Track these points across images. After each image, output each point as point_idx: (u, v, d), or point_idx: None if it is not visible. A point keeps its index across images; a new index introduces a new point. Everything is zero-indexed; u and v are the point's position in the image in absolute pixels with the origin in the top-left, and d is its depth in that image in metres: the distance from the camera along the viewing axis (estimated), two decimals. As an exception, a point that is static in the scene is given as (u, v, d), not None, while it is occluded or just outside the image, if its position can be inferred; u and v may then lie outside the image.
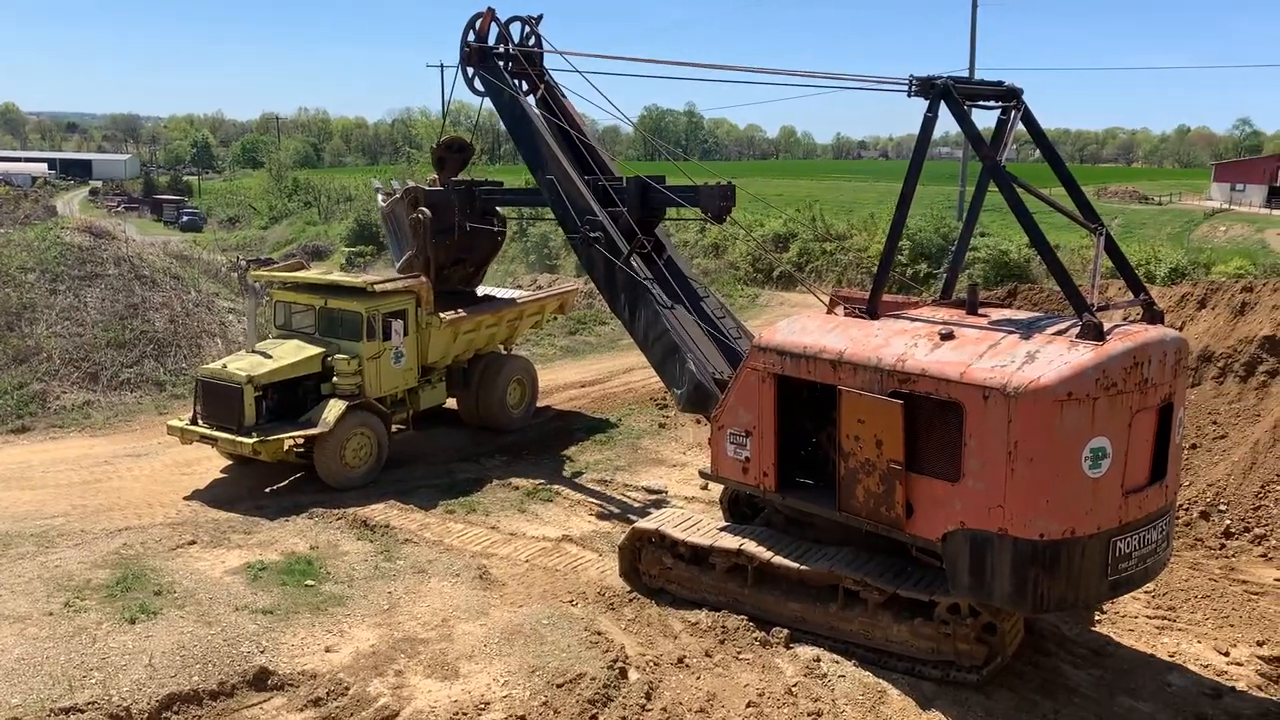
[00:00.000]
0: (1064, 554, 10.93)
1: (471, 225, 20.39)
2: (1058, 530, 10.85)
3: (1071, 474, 10.75)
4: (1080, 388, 10.57)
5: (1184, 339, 12.09)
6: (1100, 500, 10.95)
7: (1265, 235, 54.17)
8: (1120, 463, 10.97)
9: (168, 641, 12.45)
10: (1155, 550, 11.70)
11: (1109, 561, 11.17)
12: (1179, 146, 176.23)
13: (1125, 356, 10.83)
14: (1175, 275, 38.35)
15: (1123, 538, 11.19)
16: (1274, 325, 19.70)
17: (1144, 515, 11.38)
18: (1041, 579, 10.97)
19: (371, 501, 17.79)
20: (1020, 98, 12.80)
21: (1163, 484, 11.59)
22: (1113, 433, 10.83)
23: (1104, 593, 11.58)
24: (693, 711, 11.43)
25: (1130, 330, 11.43)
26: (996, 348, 11.25)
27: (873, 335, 12.27)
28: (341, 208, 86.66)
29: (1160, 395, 11.25)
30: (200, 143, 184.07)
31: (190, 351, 27.26)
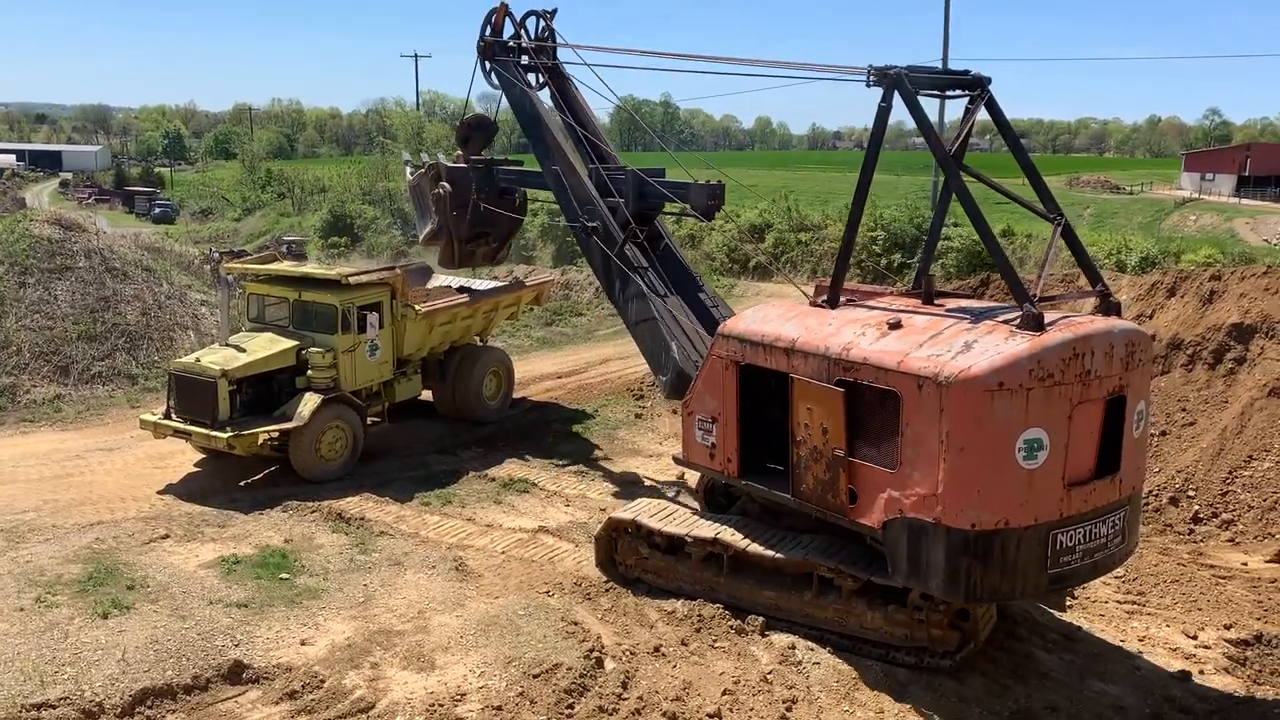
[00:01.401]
0: (998, 545, 10.87)
1: (485, 203, 20.63)
2: (991, 521, 10.79)
3: (1004, 464, 10.66)
4: (1013, 378, 10.49)
5: (1140, 331, 11.86)
6: (1037, 492, 10.82)
7: (1234, 224, 54.74)
8: (1059, 455, 10.82)
9: (141, 636, 12.38)
10: (1106, 545, 11.50)
11: (1049, 554, 11.05)
12: (1150, 136, 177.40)
13: (1063, 348, 10.70)
14: (1146, 264, 38.67)
15: (1064, 531, 11.05)
16: (1241, 313, 19.95)
17: (1090, 509, 11.20)
18: (974, 569, 10.95)
19: (347, 494, 17.74)
20: (986, 87, 12.76)
21: (1115, 478, 11.37)
22: (1049, 424, 10.68)
23: (1044, 586, 11.39)
24: (669, 700, 11.49)
25: (1074, 322, 11.30)
26: (938, 337, 11.24)
27: (826, 324, 12.35)
28: (315, 199, 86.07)
29: (1107, 388, 11.08)
30: (172, 134, 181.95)
31: (163, 344, 27.06)
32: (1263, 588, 14.79)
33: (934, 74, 13.16)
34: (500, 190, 21.15)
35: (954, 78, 13.08)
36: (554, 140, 18.39)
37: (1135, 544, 12.43)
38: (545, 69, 19.65)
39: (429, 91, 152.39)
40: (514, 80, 19.22)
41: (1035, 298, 11.28)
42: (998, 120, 13.01)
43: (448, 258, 21.82)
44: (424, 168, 22.01)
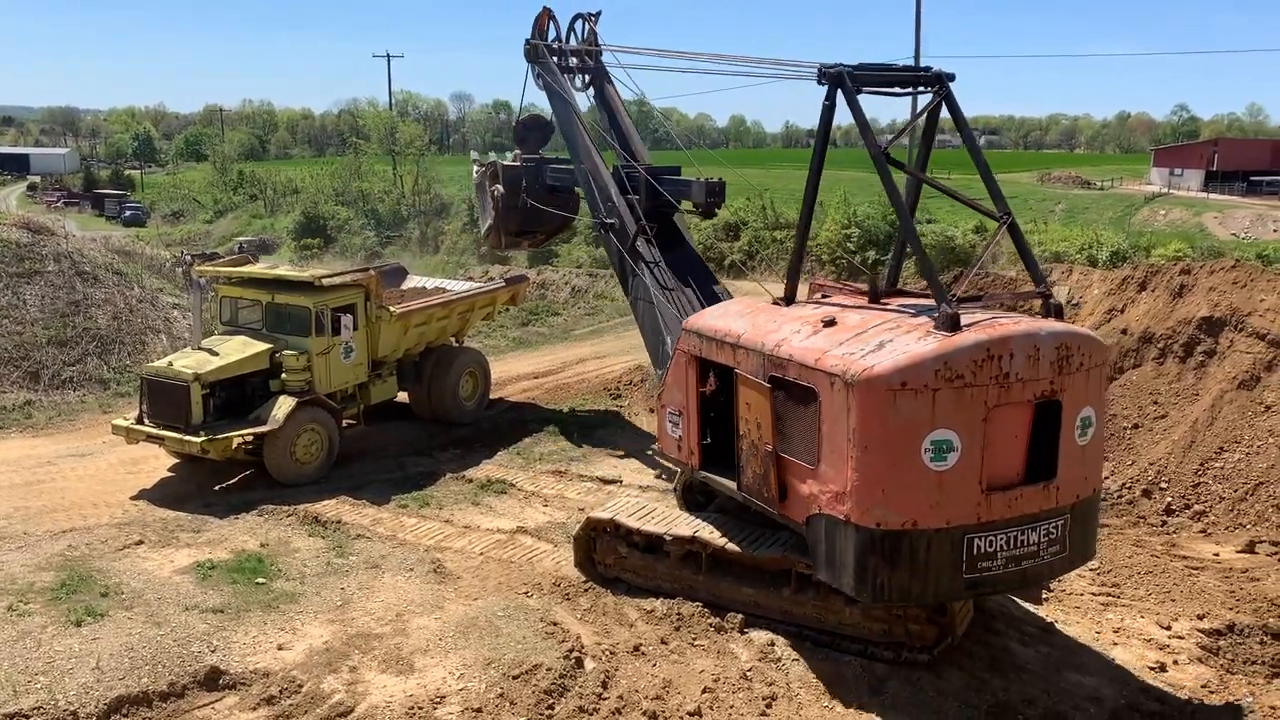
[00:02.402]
0: (905, 545, 10.75)
1: (533, 201, 20.86)
2: (897, 521, 10.72)
3: (910, 465, 10.55)
4: (916, 378, 10.39)
5: (1080, 335, 11.44)
6: (949, 494, 10.67)
7: (1203, 219, 55.35)
8: (974, 458, 10.60)
9: (115, 643, 12.25)
10: (1038, 553, 11.15)
11: (964, 559, 10.83)
12: (1119, 132, 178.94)
13: (975, 349, 10.48)
14: (1117, 259, 39.07)
15: (983, 536, 10.81)
16: (1211, 306, 20.17)
17: (1016, 515, 10.92)
18: (881, 568, 10.88)
19: (323, 498, 17.63)
20: (945, 83, 12.66)
21: (1050, 485, 11.08)
22: (960, 426, 10.50)
23: (960, 590, 11.16)
24: (649, 699, 11.50)
25: (995, 323, 11.00)
26: (860, 336, 11.22)
27: (771, 321, 12.44)
28: (288, 200, 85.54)
29: (1034, 391, 10.79)
30: (142, 136, 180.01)
31: (134, 349, 26.79)
32: (1234, 578, 14.96)
33: (887, 71, 13.04)
34: (549, 188, 21.40)
35: (910, 75, 13.01)
36: (583, 141, 18.99)
37: (1086, 554, 12.01)
38: (587, 70, 20.30)
39: (402, 91, 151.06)
40: (550, 82, 19.84)
41: (954, 298, 11.18)
42: (956, 118, 12.93)
43: (493, 245, 22.54)
44: (486, 166, 22.32)
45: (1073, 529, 11.38)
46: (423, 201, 74.46)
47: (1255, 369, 18.90)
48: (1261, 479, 17.17)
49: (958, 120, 13.02)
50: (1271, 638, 13.18)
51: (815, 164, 13.01)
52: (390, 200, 75.47)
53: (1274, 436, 17.66)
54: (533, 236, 22.95)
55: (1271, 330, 19.15)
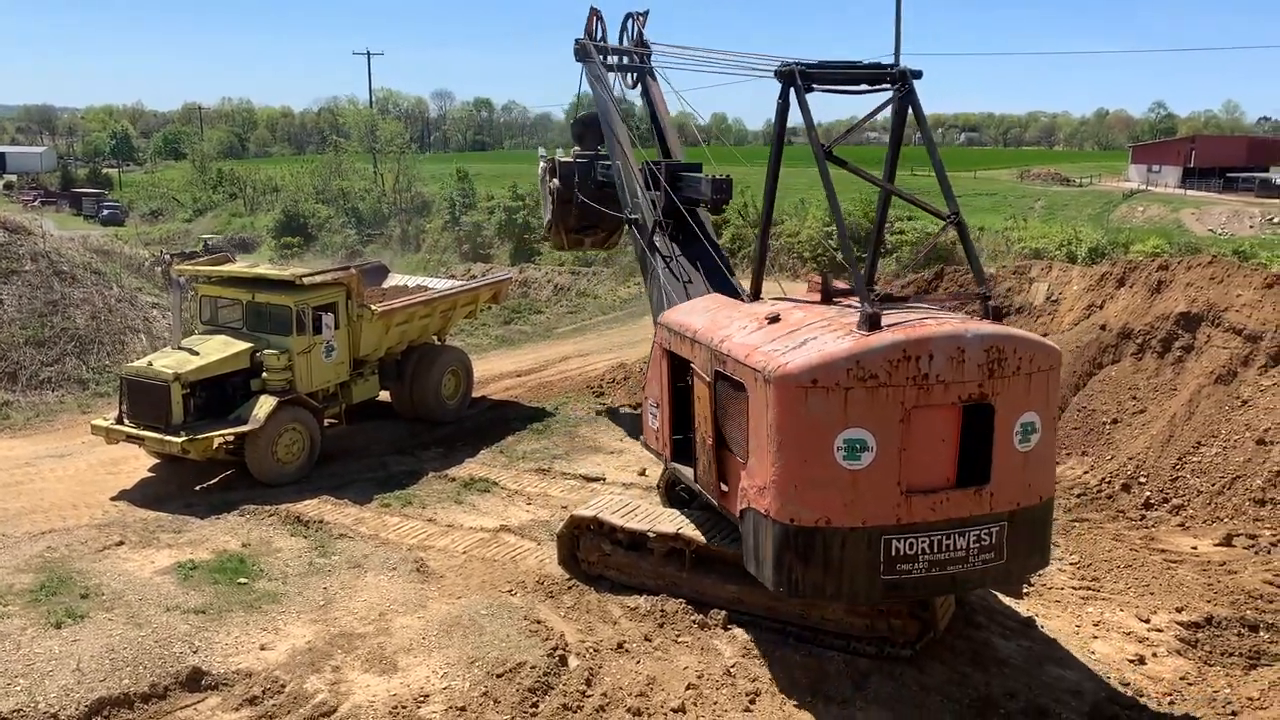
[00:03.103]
0: (818, 542, 10.74)
1: (584, 197, 20.92)
2: (810, 517, 10.71)
3: (822, 462, 10.52)
4: (828, 376, 10.37)
5: (1019, 338, 11.15)
6: (863, 494, 10.62)
7: (1180, 215, 55.80)
8: (891, 459, 10.52)
9: (96, 645, 12.18)
10: (967, 559, 10.95)
11: (881, 560, 10.74)
12: (1098, 129, 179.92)
13: (891, 349, 10.40)
14: (1096, 255, 39.38)
15: (903, 538, 10.70)
16: (1188, 302, 20.35)
17: (941, 519, 10.77)
18: (795, 564, 10.90)
19: (305, 497, 17.57)
20: (909, 81, 12.55)
21: (982, 490, 10.87)
22: (875, 426, 10.44)
23: (878, 592, 11.01)
24: (633, 695, 11.52)
25: (918, 323, 10.88)
26: (793, 333, 11.25)
27: (726, 317, 12.58)
28: (268, 199, 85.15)
29: (958, 394, 10.63)
30: (120, 134, 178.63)
31: (113, 349, 26.61)
32: (1212, 571, 15.11)
33: (847, 69, 12.95)
34: (599, 184, 21.45)
35: (871, 72, 12.88)
36: (617, 138, 19.20)
37: (1033, 564, 11.82)
38: (631, 69, 20.49)
39: (382, 89, 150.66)
40: (592, 81, 20.23)
41: (876, 297, 11.17)
42: (917, 115, 12.85)
43: (557, 244, 22.48)
44: (547, 162, 22.65)
45: (1012, 537, 11.10)
46: (404, 200, 74.27)
47: (1232, 364, 19.10)
48: (1238, 473, 17.34)
49: (918, 118, 12.89)
50: (1248, 629, 13.33)
51: (773, 162, 13.08)
52: (371, 198, 75.23)
53: (1250, 430, 17.84)
54: (594, 234, 22.93)
55: (1247, 325, 19.35)
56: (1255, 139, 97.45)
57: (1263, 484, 16.98)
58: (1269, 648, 12.94)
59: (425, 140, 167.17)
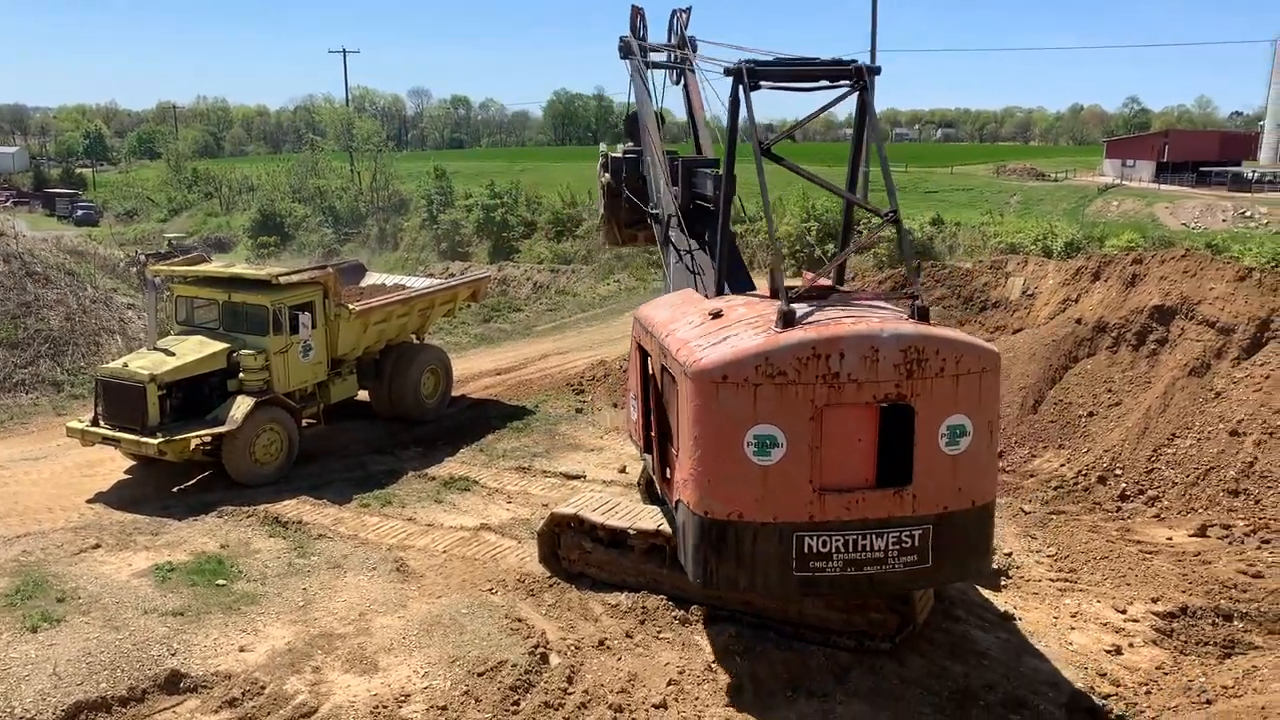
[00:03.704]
0: (731, 536, 10.85)
1: (629, 191, 20.76)
2: (722, 511, 10.83)
3: (732, 457, 10.64)
4: (737, 372, 10.47)
5: (946, 339, 10.94)
6: (774, 490, 10.67)
7: (1154, 209, 56.25)
8: (802, 456, 10.56)
9: (73, 649, 12.09)
10: (886, 560, 10.93)
11: (793, 556, 10.79)
12: (1073, 124, 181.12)
13: (800, 347, 10.43)
14: (1071, 249, 39.67)
15: (815, 535, 10.74)
16: (1162, 295, 20.54)
17: (857, 518, 10.77)
18: (709, 556, 11.01)
19: (283, 498, 17.49)
20: (864, 77, 12.39)
21: (904, 492, 10.82)
22: (785, 423, 10.49)
23: (791, 588, 11.05)
24: (614, 692, 11.53)
25: (833, 322, 10.88)
26: (724, 329, 11.37)
27: (683, 312, 12.74)
28: (244, 198, 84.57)
29: (872, 393, 10.59)
30: (93, 134, 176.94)
31: (88, 350, 26.38)
32: (1187, 561, 15.25)
33: (800, 65, 12.89)
34: (642, 178, 21.01)
35: (825, 69, 12.75)
36: (647, 133, 19.08)
37: (966, 570, 11.70)
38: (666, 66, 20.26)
39: (359, 87, 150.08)
40: (634, 76, 20.11)
41: (791, 295, 11.21)
42: (868, 112, 12.77)
43: (609, 239, 22.21)
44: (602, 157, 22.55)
45: (938, 541, 11.00)
46: (381, 198, 73.93)
47: (1205, 356, 19.29)
48: (1212, 464, 17.52)
49: (868, 115, 12.82)
50: (1223, 619, 13.47)
51: (727, 158, 13.13)
52: (348, 197, 74.85)
53: (1224, 422, 18.03)
54: (647, 229, 22.79)
55: (1220, 318, 19.55)
56: (1227, 133, 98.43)
57: (1236, 475, 17.16)
58: (1243, 637, 13.09)
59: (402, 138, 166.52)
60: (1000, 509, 17.17)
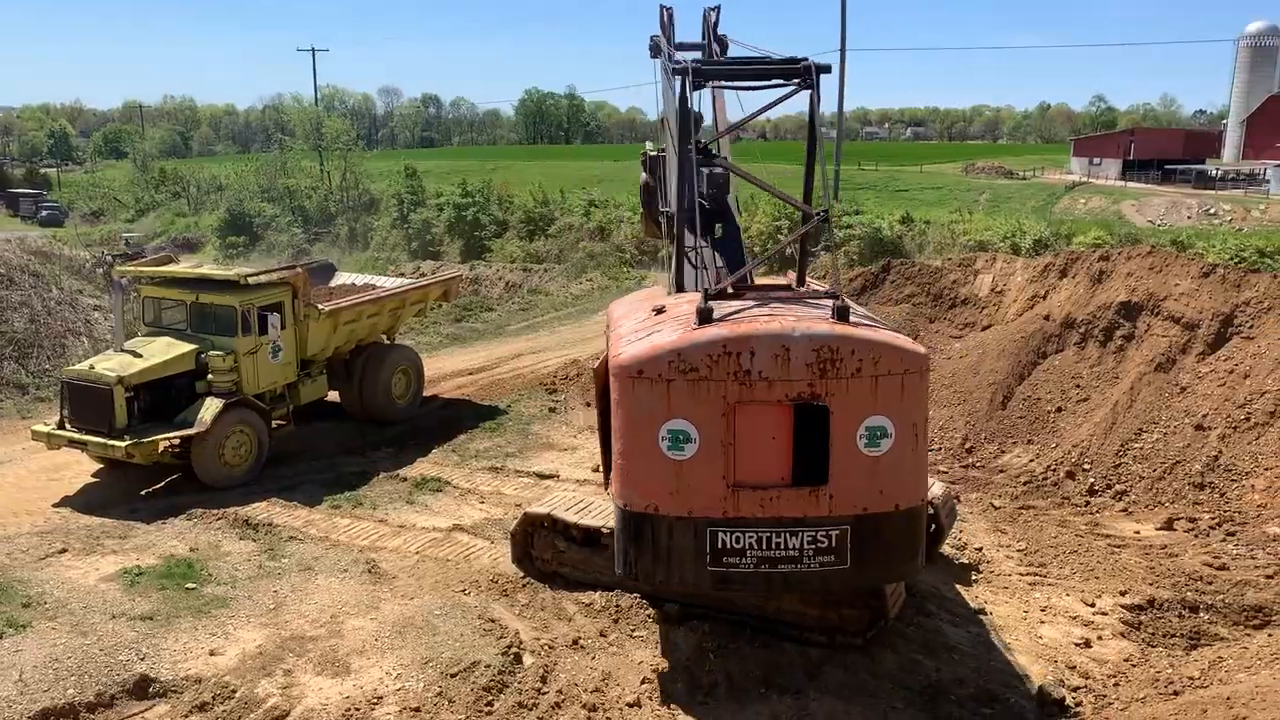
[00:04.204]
0: (648, 529, 10.97)
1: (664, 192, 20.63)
2: (640, 503, 10.97)
3: (648, 451, 10.76)
4: (652, 368, 10.61)
5: (863, 339, 10.73)
6: (688, 484, 10.77)
7: (1121, 206, 56.86)
8: (715, 452, 10.64)
9: (39, 654, 11.93)
10: (799, 559, 10.88)
11: (708, 551, 10.86)
12: (1040, 123, 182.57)
13: (711, 344, 10.51)
14: (1039, 247, 40.03)
15: (729, 531, 10.81)
16: (1129, 292, 20.77)
17: (771, 516, 10.78)
18: (630, 548, 11.18)
19: (253, 500, 17.35)
20: (811, 76, 12.25)
21: (820, 491, 10.76)
22: (698, 419, 10.59)
23: (706, 582, 11.08)
24: (588, 691, 11.53)
25: (748, 320, 10.89)
26: (656, 325, 11.50)
27: (639, 308, 12.81)
28: (212, 198, 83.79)
29: (785, 392, 10.58)
30: (58, 133, 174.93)
31: (54, 352, 26.05)
32: (1154, 554, 15.45)
33: (748, 64, 12.91)
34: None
35: (773, 68, 12.70)
36: (669, 132, 19.03)
37: (891, 572, 11.60)
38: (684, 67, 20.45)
39: (328, 86, 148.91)
40: (662, 74, 19.60)
41: (709, 292, 11.30)
42: (811, 112, 12.62)
43: (648, 233, 22.06)
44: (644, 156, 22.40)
45: (858, 543, 10.92)
46: (351, 197, 73.46)
47: (1171, 351, 19.53)
48: (1178, 458, 17.75)
49: (811, 115, 12.70)
50: (1189, 611, 13.65)
51: (681, 157, 12.97)
52: (318, 196, 74.33)
53: (1189, 416, 18.27)
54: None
55: (1185, 314, 19.80)
56: (1191, 132, 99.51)
57: (1201, 469, 17.39)
58: (1208, 628, 13.27)
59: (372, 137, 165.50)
60: (970, 504, 17.38)
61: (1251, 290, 19.55)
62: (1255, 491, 16.59)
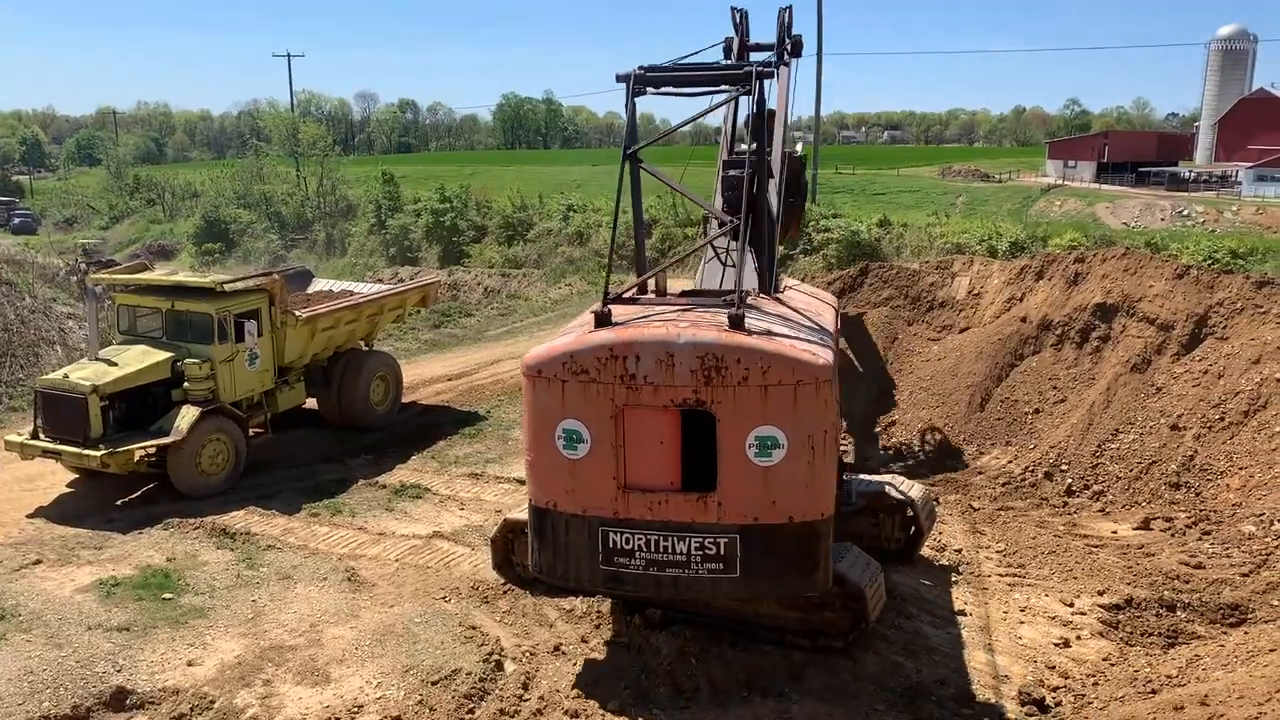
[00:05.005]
0: (549, 524, 11.38)
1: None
2: (543, 499, 11.41)
3: (548, 448, 11.16)
4: (549, 369, 11.02)
5: (752, 349, 10.69)
6: (582, 483, 11.05)
7: (1095, 209, 57.25)
8: (606, 453, 10.90)
9: (13, 667, 11.80)
10: (687, 564, 11.02)
11: (600, 549, 11.15)
12: (1016, 126, 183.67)
13: (600, 348, 10.78)
14: (1016, 249, 40.22)
15: (619, 532, 11.07)
16: (1104, 293, 20.93)
17: (659, 520, 10.96)
18: (535, 543, 11.57)
19: (231, 508, 17.22)
20: (754, 81, 12.35)
21: (708, 499, 10.84)
22: (589, 420, 10.91)
23: (600, 579, 11.38)
24: (570, 698, 11.50)
25: (642, 325, 11.10)
26: (578, 328, 11.75)
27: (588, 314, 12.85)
28: (188, 204, 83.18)
29: (670, 397, 10.71)
30: (30, 140, 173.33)
31: (27, 361, 25.78)
32: (1131, 554, 15.56)
33: (693, 71, 12.95)
34: None
35: (717, 74, 12.77)
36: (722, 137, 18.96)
37: (787, 585, 11.39)
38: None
39: (304, 91, 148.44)
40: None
41: (610, 296, 11.60)
42: (759, 116, 12.78)
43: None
44: None
45: (747, 553, 10.95)
46: (328, 203, 73.04)
47: (1146, 352, 19.68)
48: (1154, 458, 17.89)
49: (759, 120, 12.81)
50: (1166, 610, 13.75)
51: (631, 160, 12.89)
52: (294, 203, 73.86)
53: (1165, 417, 18.41)
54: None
55: (1160, 315, 19.96)
56: (1164, 134, 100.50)
57: (1177, 469, 17.54)
58: (1186, 626, 13.36)
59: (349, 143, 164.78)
60: (949, 506, 17.45)
61: (1225, 291, 19.73)
62: (1230, 490, 16.73)
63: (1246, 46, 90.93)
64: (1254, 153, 73.09)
